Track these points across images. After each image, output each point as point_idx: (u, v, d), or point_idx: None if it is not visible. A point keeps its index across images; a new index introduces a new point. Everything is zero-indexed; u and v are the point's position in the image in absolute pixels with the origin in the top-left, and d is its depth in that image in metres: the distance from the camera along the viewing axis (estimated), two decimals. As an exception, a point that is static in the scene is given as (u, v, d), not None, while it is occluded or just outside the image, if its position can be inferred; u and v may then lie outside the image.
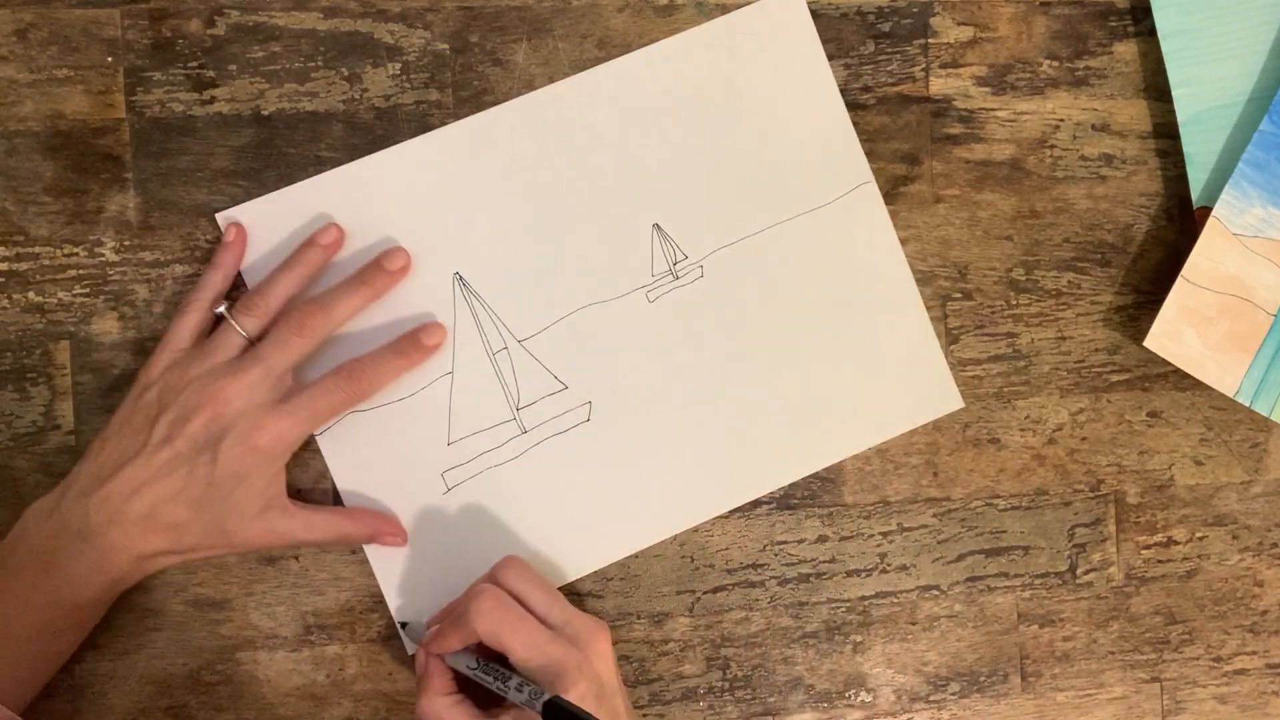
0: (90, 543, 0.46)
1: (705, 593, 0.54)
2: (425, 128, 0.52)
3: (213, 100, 0.51)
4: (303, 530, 0.49)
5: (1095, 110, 0.57)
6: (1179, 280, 0.54)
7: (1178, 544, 0.57)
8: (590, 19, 0.53)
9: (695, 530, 0.54)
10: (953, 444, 0.56)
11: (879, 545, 0.55)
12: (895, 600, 0.56)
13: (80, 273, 0.51)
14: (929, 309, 0.55)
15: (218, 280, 0.50)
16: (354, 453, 0.52)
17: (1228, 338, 0.55)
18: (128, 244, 0.51)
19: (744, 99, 0.54)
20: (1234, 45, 0.56)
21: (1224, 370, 0.55)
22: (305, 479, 0.52)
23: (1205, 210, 0.55)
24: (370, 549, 0.52)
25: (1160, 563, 0.57)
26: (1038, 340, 0.56)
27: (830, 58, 0.55)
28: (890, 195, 0.55)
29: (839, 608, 0.55)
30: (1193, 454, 0.58)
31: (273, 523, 0.48)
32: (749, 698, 0.55)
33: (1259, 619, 0.58)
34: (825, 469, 0.55)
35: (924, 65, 0.56)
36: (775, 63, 0.54)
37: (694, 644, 0.54)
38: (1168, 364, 0.56)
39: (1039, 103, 0.56)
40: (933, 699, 0.56)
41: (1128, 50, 0.57)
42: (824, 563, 0.55)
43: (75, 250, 0.51)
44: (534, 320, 0.53)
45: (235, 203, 0.51)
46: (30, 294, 0.51)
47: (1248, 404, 0.55)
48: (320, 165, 0.52)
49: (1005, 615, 0.56)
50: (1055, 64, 0.56)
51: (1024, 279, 0.56)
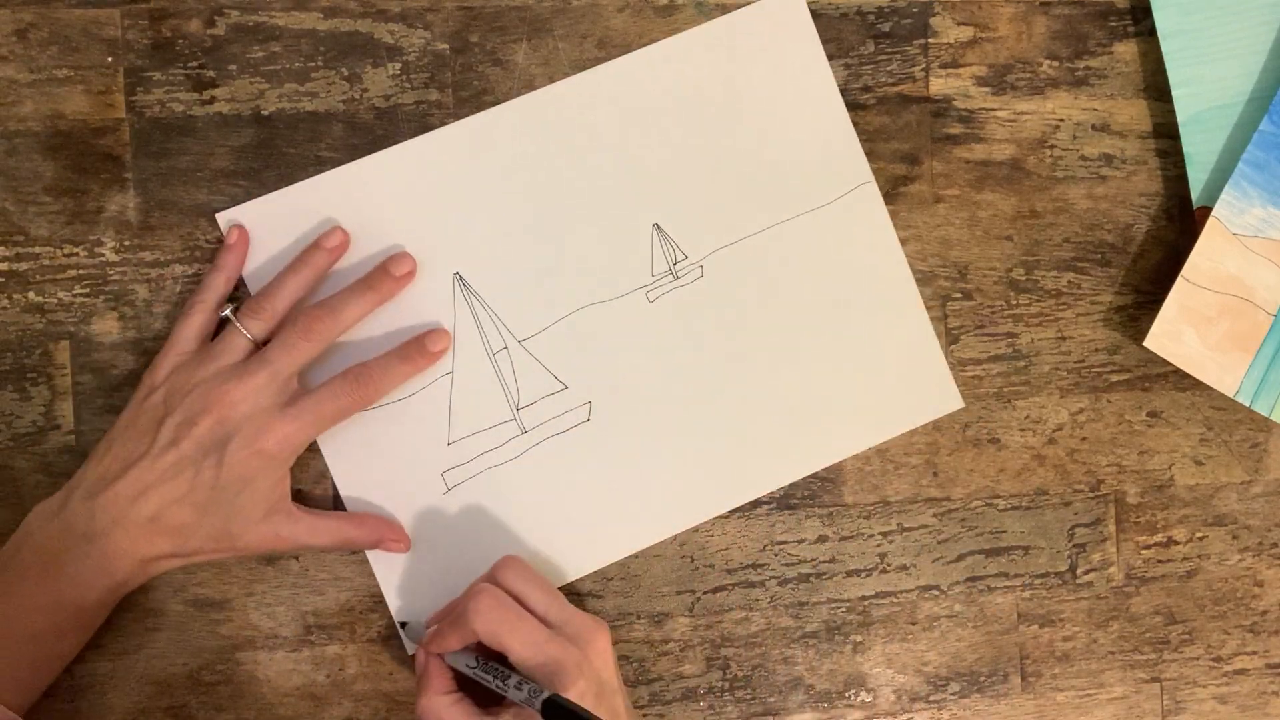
0: (95, 545, 0.46)
1: (705, 593, 0.54)
2: (425, 128, 0.52)
3: (213, 100, 0.51)
4: (307, 535, 0.49)
5: (1095, 110, 0.57)
6: (1179, 280, 0.54)
7: (1178, 544, 0.57)
8: (590, 19, 0.53)
9: (695, 530, 0.54)
10: (953, 444, 0.56)
11: (879, 545, 0.55)
12: (895, 600, 0.56)
13: (80, 273, 0.51)
14: (929, 309, 0.55)
15: (220, 282, 0.50)
16: (354, 453, 0.52)
17: (1228, 338, 0.55)
18: (128, 244, 0.51)
19: (744, 99, 0.54)
20: (1234, 45, 0.56)
21: (1224, 370, 0.55)
22: (306, 479, 0.52)
23: (1205, 210, 0.55)
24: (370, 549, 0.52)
25: (1160, 563, 0.57)
26: (1038, 340, 0.56)
27: (830, 58, 0.55)
28: (890, 195, 0.55)
29: (839, 608, 0.55)
30: (1193, 454, 0.58)
31: (277, 527, 0.48)
32: (749, 698, 0.55)
33: (1259, 619, 0.58)
34: (825, 469, 0.55)
35: (924, 65, 0.56)
36: (775, 63, 0.54)
37: (694, 644, 0.54)
38: (1168, 364, 0.56)
39: (1039, 103, 0.56)
40: (933, 699, 0.56)
41: (1128, 50, 0.57)
42: (824, 563, 0.55)
43: (75, 250, 0.51)
44: (534, 320, 0.53)
45: (235, 203, 0.51)
46: (30, 294, 0.51)
47: (1248, 404, 0.55)
48: (320, 165, 0.52)
49: (1005, 615, 0.56)
50: (1055, 64, 0.56)
51: (1024, 279, 0.56)
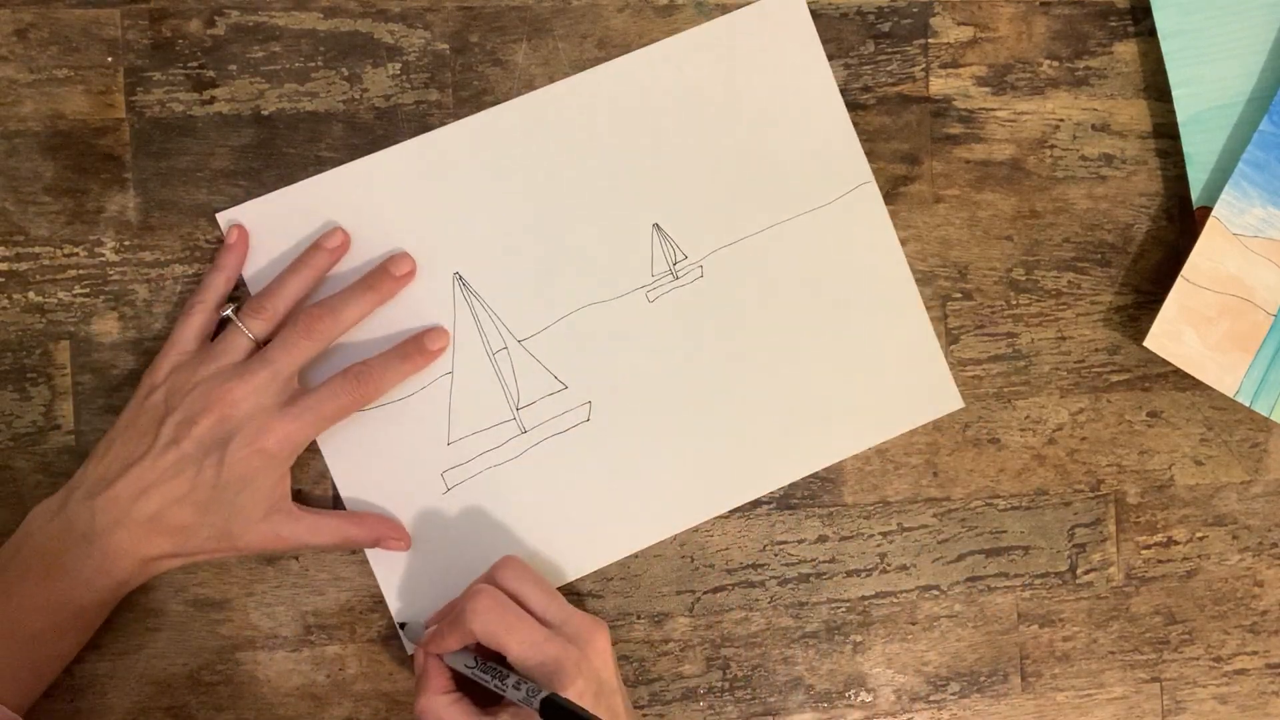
0: (95, 545, 0.46)
1: (705, 593, 0.54)
2: (425, 128, 0.52)
3: (213, 100, 0.51)
4: (307, 534, 0.49)
5: (1095, 110, 0.57)
6: (1179, 280, 0.54)
7: (1178, 544, 0.57)
8: (590, 19, 0.53)
9: (695, 530, 0.54)
10: (953, 444, 0.56)
11: (879, 545, 0.55)
12: (895, 600, 0.56)
13: (80, 273, 0.51)
14: (929, 309, 0.55)
15: (221, 282, 0.50)
16: (354, 453, 0.52)
17: (1228, 338, 0.55)
18: (128, 244, 0.51)
19: (744, 99, 0.54)
20: (1234, 45, 0.56)
21: (1224, 370, 0.55)
22: (306, 479, 0.52)
23: (1205, 210, 0.55)
24: (370, 549, 0.52)
25: (1160, 563, 0.57)
26: (1038, 340, 0.56)
27: (830, 58, 0.55)
28: (890, 195, 0.55)
29: (839, 608, 0.55)
30: (1193, 454, 0.58)
31: (278, 526, 0.48)
32: (749, 698, 0.55)
33: (1259, 619, 0.58)
34: (825, 469, 0.55)
35: (924, 65, 0.56)
36: (775, 63, 0.54)
37: (694, 644, 0.54)
38: (1168, 364, 0.56)
39: (1039, 103, 0.56)
40: (933, 699, 0.56)
41: (1128, 50, 0.57)
42: (824, 563, 0.55)
43: (75, 250, 0.51)
44: (534, 320, 0.53)
45: (235, 203, 0.51)
46: (30, 294, 0.51)
47: (1248, 404, 0.55)
48: (320, 165, 0.52)
49: (1005, 615, 0.56)
50: (1055, 64, 0.56)
51: (1024, 279, 0.56)
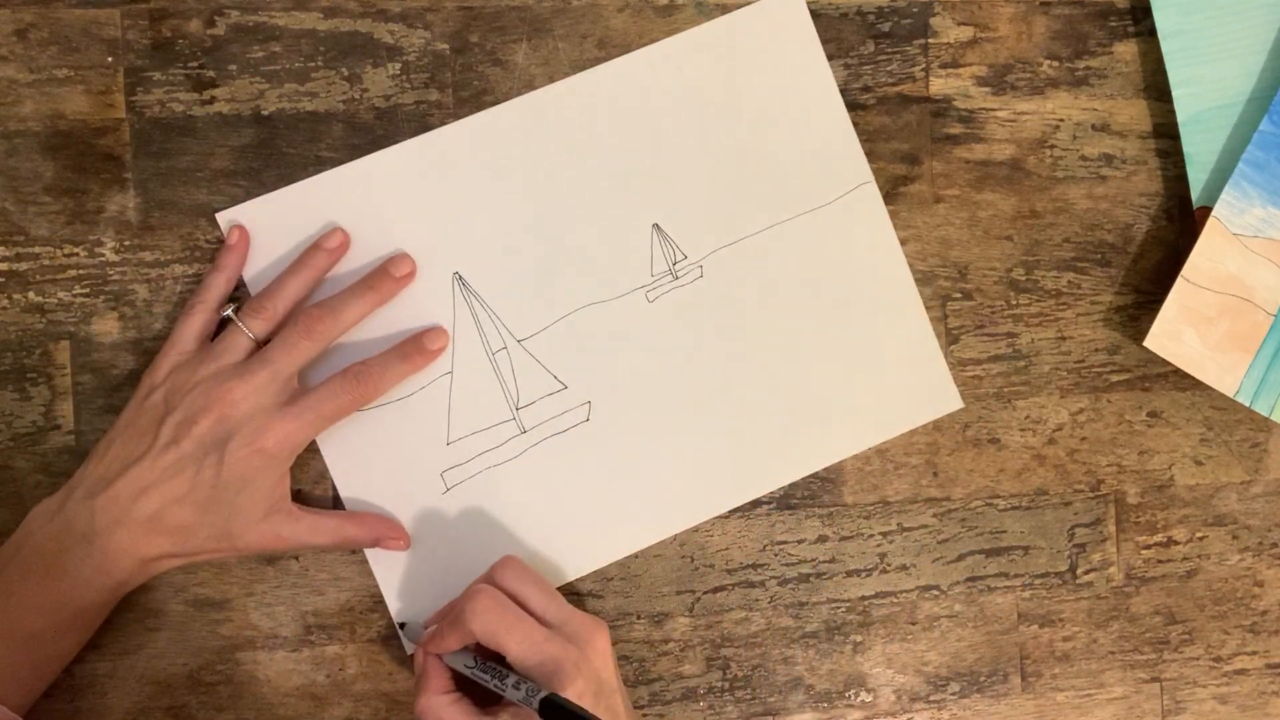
0: (95, 544, 0.46)
1: (705, 593, 0.54)
2: (425, 128, 0.52)
3: (213, 100, 0.51)
4: (307, 534, 0.49)
5: (1095, 110, 0.57)
6: (1179, 280, 0.54)
7: (1178, 544, 0.57)
8: (590, 19, 0.53)
9: (695, 530, 0.54)
10: (953, 444, 0.56)
11: (879, 545, 0.55)
12: (895, 600, 0.56)
13: (80, 273, 0.51)
14: (929, 309, 0.55)
15: (221, 282, 0.50)
16: (353, 452, 0.52)
17: (1228, 338, 0.55)
18: (128, 244, 0.51)
19: (744, 99, 0.54)
20: (1234, 45, 0.56)
21: (1224, 370, 0.55)
22: (306, 479, 0.52)
23: (1205, 210, 0.55)
24: (370, 549, 0.52)
25: (1160, 563, 0.57)
26: (1038, 340, 0.56)
27: (830, 58, 0.55)
28: (890, 195, 0.55)
29: (839, 608, 0.55)
30: (1193, 454, 0.57)
31: (277, 526, 0.48)
32: (749, 698, 0.55)
33: (1259, 619, 0.58)
34: (825, 469, 0.55)
35: (924, 65, 0.56)
36: (775, 63, 0.54)
37: (694, 644, 0.54)
38: (1168, 364, 0.56)
39: (1039, 103, 0.56)
40: (933, 699, 0.56)
41: (1128, 50, 0.57)
42: (824, 563, 0.55)
43: (75, 250, 0.51)
44: (533, 320, 0.53)
45: (235, 203, 0.51)
46: (30, 294, 0.51)
47: (1248, 404, 0.55)
48: (320, 165, 0.52)
49: (1005, 615, 0.56)
50: (1055, 64, 0.56)
51: (1024, 279, 0.56)
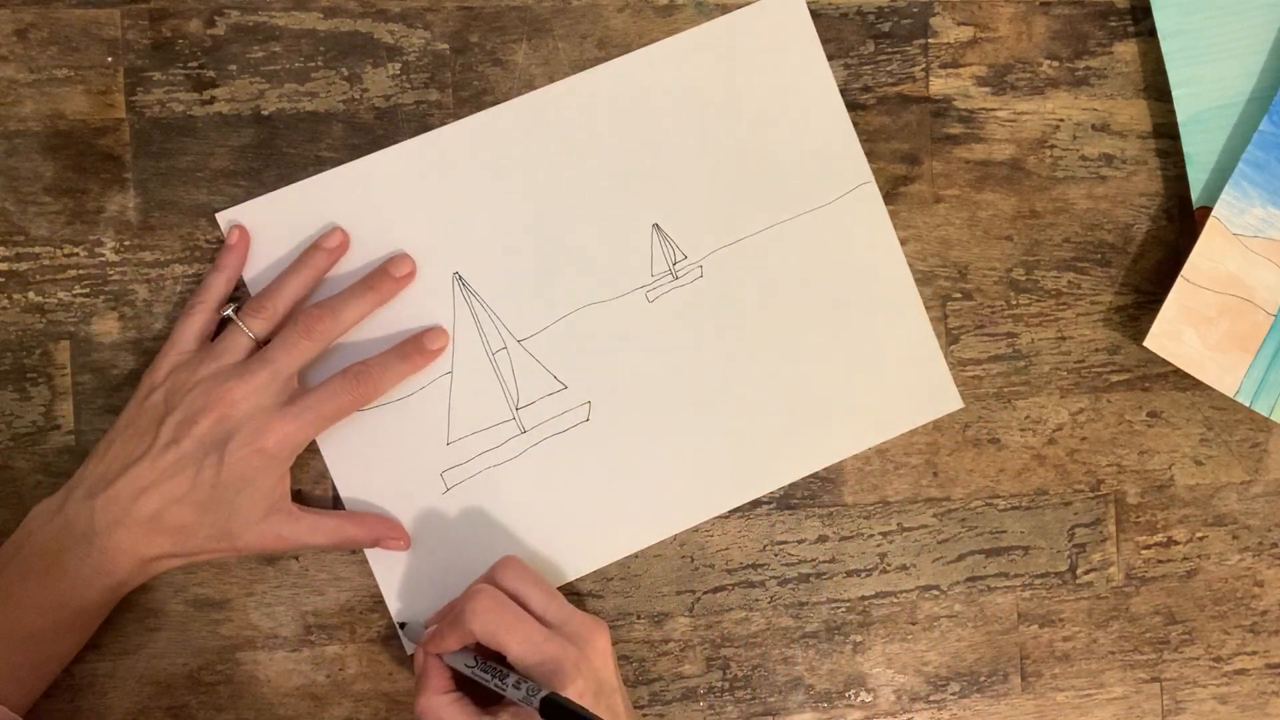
0: (95, 544, 0.46)
1: (705, 593, 0.54)
2: (425, 128, 0.52)
3: (213, 100, 0.51)
4: (307, 534, 0.49)
5: (1095, 110, 0.57)
6: (1179, 280, 0.54)
7: (1178, 544, 0.57)
8: (590, 19, 0.53)
9: (695, 530, 0.54)
10: (953, 444, 0.56)
11: (879, 545, 0.55)
12: (895, 600, 0.56)
13: (80, 273, 0.51)
14: (929, 309, 0.55)
15: (221, 283, 0.50)
16: (353, 453, 0.52)
17: (1228, 338, 0.55)
18: (128, 244, 0.51)
19: (744, 99, 0.54)
20: (1234, 45, 0.56)
21: (1224, 370, 0.55)
22: (306, 479, 0.52)
23: (1205, 210, 0.55)
24: (370, 549, 0.52)
25: (1160, 563, 0.57)
26: (1038, 340, 0.56)
27: (830, 58, 0.55)
28: (890, 195, 0.55)
29: (839, 608, 0.55)
30: (1193, 454, 0.57)
31: (277, 526, 0.48)
32: (749, 698, 0.55)
33: (1259, 619, 0.58)
34: (825, 469, 0.55)
35: (924, 65, 0.56)
36: (775, 63, 0.54)
37: (694, 644, 0.54)
38: (1168, 364, 0.56)
39: (1039, 103, 0.56)
40: (933, 699, 0.56)
41: (1128, 50, 0.57)
42: (824, 563, 0.55)
43: (75, 250, 0.51)
44: (533, 320, 0.53)
45: (235, 203, 0.51)
46: (30, 294, 0.51)
47: (1248, 404, 0.55)
48: (320, 165, 0.52)
49: (1005, 615, 0.56)
50: (1055, 64, 0.56)
51: (1024, 279, 0.56)
